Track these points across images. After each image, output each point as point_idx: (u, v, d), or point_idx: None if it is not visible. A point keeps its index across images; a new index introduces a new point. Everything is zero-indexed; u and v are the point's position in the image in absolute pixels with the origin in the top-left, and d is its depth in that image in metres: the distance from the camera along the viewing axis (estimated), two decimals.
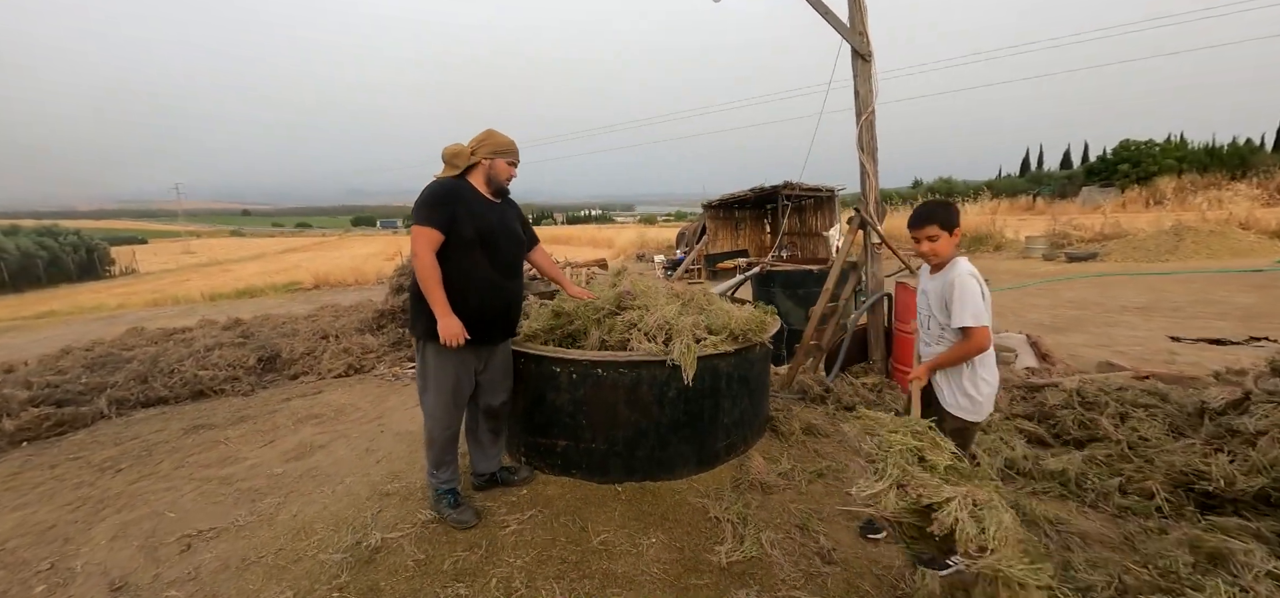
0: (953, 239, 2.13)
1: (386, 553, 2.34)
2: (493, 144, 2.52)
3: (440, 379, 2.46)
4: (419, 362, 2.52)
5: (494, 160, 2.53)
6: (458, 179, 2.51)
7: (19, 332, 11.76)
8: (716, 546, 2.35)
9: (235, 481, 3.30)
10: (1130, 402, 3.23)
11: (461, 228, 2.39)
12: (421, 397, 2.54)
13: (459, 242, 2.39)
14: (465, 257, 2.41)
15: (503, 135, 2.56)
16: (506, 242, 2.57)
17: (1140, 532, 2.36)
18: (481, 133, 2.57)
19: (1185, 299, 8.34)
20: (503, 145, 2.54)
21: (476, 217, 2.45)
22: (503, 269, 2.55)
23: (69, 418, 4.71)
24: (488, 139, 2.53)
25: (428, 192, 2.41)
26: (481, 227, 2.45)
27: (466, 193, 2.47)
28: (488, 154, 2.51)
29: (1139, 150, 38.53)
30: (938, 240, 2.13)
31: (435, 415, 2.50)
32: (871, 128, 4.10)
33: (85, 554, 2.63)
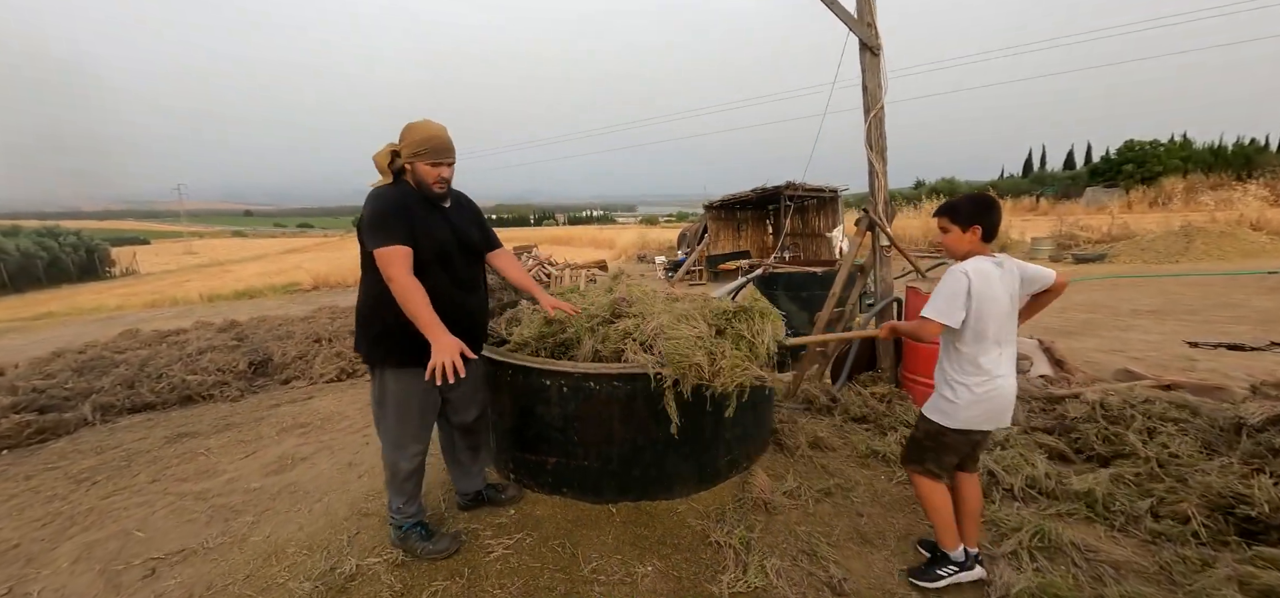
0: (966, 236, 2.02)
1: (361, 581, 2.17)
2: (411, 143, 2.11)
3: (405, 405, 2.19)
4: (376, 389, 2.22)
5: (415, 164, 2.12)
6: (397, 185, 2.15)
7: (16, 333, 11.66)
8: (718, 574, 2.17)
9: (211, 496, 3.14)
10: (1158, 415, 3.04)
11: (417, 246, 2.07)
12: (380, 427, 2.25)
13: (414, 261, 2.07)
14: (423, 276, 2.07)
15: (424, 126, 2.13)
16: (463, 254, 2.28)
17: (1178, 561, 2.17)
18: (402, 129, 2.15)
19: (1200, 302, 8.13)
20: (424, 143, 2.10)
21: (429, 231, 2.12)
22: (463, 284, 2.28)
23: (51, 425, 4.57)
24: (407, 136, 2.13)
25: (377, 209, 2.05)
26: (436, 244, 2.14)
27: (413, 204, 2.12)
28: (409, 156, 2.11)
29: (1143, 151, 38.25)
30: (948, 233, 2.08)
31: (401, 445, 2.22)
32: (880, 125, 3.91)
33: (45, 578, 2.47)
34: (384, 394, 2.20)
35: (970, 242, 2.02)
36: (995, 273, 1.97)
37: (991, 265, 1.98)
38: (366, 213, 2.07)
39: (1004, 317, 1.98)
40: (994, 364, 1.99)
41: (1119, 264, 13.09)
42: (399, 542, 2.33)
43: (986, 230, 2.00)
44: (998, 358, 1.99)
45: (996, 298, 1.96)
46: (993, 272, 1.97)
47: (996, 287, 1.97)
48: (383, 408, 2.22)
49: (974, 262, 1.99)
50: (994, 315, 1.96)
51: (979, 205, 2.03)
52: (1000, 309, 1.97)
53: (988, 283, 1.95)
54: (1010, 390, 2.01)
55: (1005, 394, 2.00)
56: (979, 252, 2.02)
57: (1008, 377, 2.01)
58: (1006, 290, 1.98)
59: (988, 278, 1.96)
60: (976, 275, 1.95)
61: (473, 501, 2.63)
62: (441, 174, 2.16)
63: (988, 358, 1.98)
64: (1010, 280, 2.00)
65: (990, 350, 1.99)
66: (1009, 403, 2.02)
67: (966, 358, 2.02)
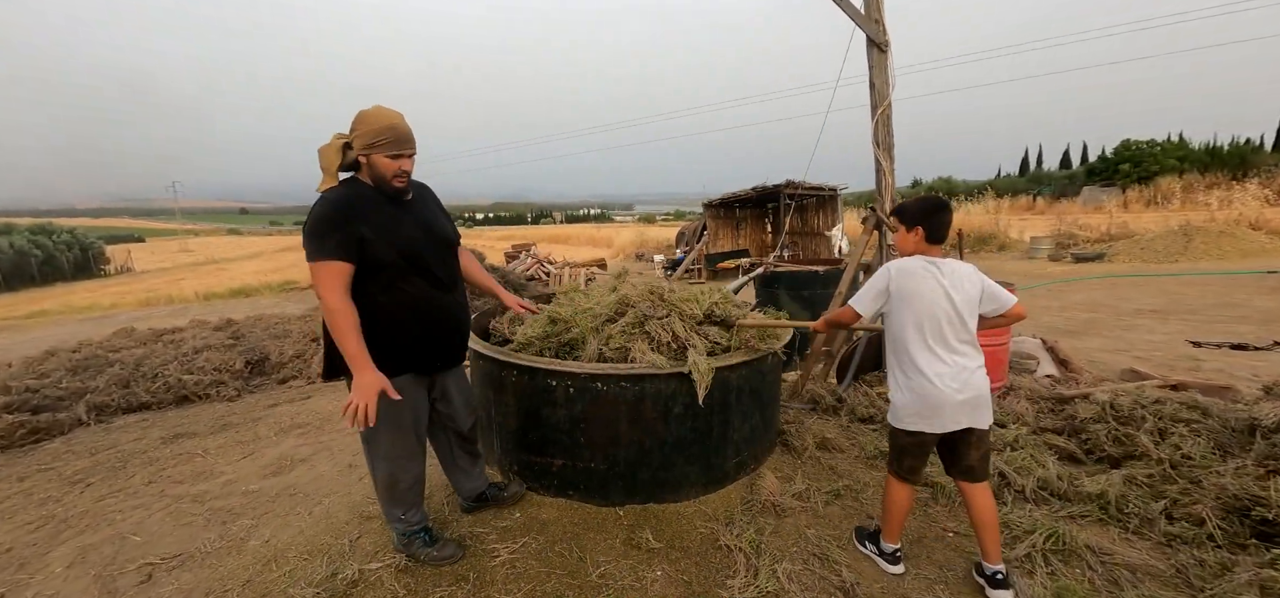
0: (910, 236, 2.09)
1: (364, 588, 2.12)
2: (365, 133, 1.89)
3: (397, 418, 2.04)
4: None
5: (371, 156, 1.91)
6: (349, 184, 1.95)
7: (9, 332, 11.54)
8: (728, 579, 2.13)
9: (208, 498, 3.08)
10: (1169, 416, 3.01)
11: (376, 250, 1.89)
12: (371, 443, 2.10)
13: (379, 266, 1.91)
14: (397, 283, 1.95)
15: (379, 115, 1.91)
16: (438, 251, 2.11)
17: (1195, 564, 2.14)
18: (354, 118, 1.94)
19: (1201, 302, 8.13)
20: (378, 132, 1.88)
21: (390, 230, 1.93)
22: (442, 283, 2.10)
23: (45, 425, 4.50)
24: (360, 125, 1.91)
25: (317, 216, 1.85)
26: (404, 244, 1.96)
27: (365, 204, 1.91)
28: (363, 148, 1.90)
29: (1140, 150, 38.38)
30: (896, 233, 2.16)
31: (395, 458, 2.10)
32: (887, 122, 3.87)
33: (38, 584, 2.41)
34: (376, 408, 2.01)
35: (914, 242, 2.08)
36: (925, 272, 2.00)
37: (922, 265, 2.01)
38: (311, 217, 1.87)
39: (941, 320, 1.98)
40: (928, 365, 1.98)
41: (1118, 264, 13.10)
42: (402, 548, 2.26)
43: (930, 231, 2.05)
44: (932, 360, 1.98)
45: (925, 298, 1.98)
46: (921, 271, 2.00)
47: (925, 286, 1.98)
48: (375, 425, 2.00)
49: (902, 260, 2.06)
50: (925, 315, 1.98)
51: (924, 208, 2.08)
52: (934, 310, 1.98)
53: (912, 280, 2.00)
54: (945, 394, 1.95)
55: (937, 395, 1.96)
56: (924, 252, 2.07)
57: (946, 379, 1.96)
58: (945, 294, 1.98)
59: (913, 276, 2.00)
60: (899, 273, 2.02)
61: (476, 502, 2.57)
62: (402, 167, 1.94)
63: (922, 358, 1.99)
64: (958, 286, 1.99)
65: (922, 351, 1.99)
66: (943, 404, 1.97)
67: (900, 355, 2.07)
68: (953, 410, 1.97)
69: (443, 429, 2.39)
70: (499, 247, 21.09)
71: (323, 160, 1.94)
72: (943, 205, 2.09)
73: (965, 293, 2.00)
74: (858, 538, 2.38)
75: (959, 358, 1.99)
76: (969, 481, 2.07)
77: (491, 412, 2.78)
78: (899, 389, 2.09)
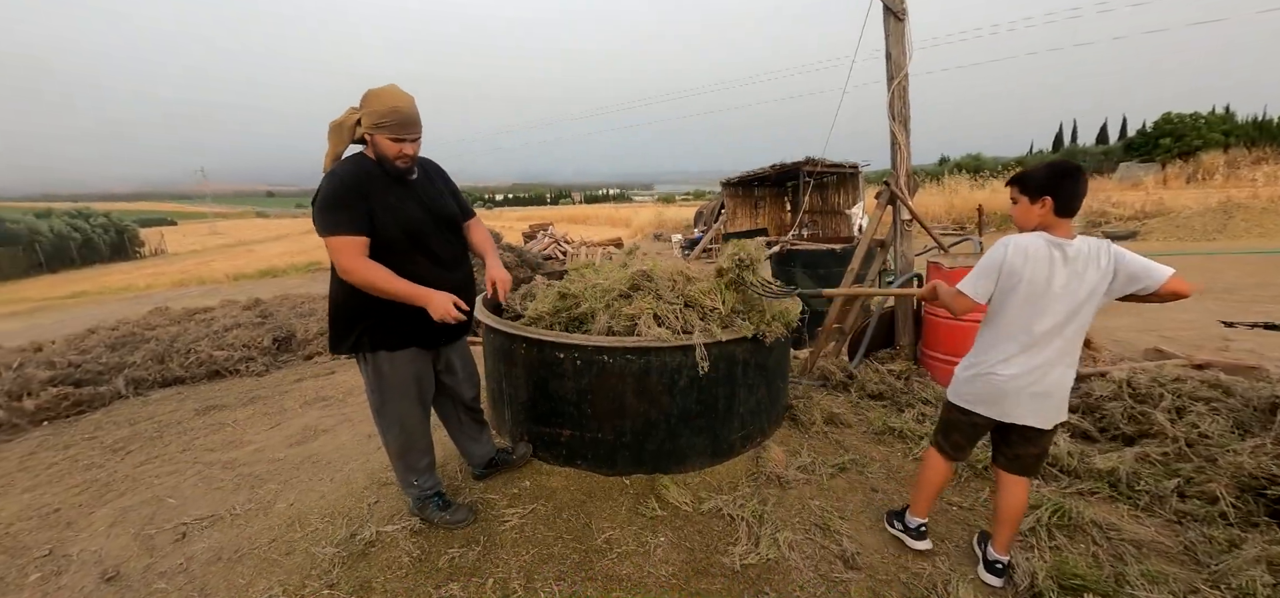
0: (1035, 208, 1.78)
1: (381, 548, 2.23)
2: (371, 113, 1.91)
3: (402, 386, 2.12)
4: (371, 377, 2.12)
5: (375, 136, 1.93)
6: (356, 163, 1.97)
7: (52, 311, 12.11)
8: (730, 546, 2.18)
9: (237, 465, 3.24)
10: (1188, 395, 2.94)
11: (382, 228, 1.93)
12: (380, 413, 2.18)
13: (383, 246, 1.95)
14: (398, 262, 1.96)
15: (386, 96, 1.91)
16: (442, 231, 2.14)
17: (1204, 542, 2.12)
18: (364, 95, 1.95)
19: (1238, 281, 7.83)
20: (384, 114, 1.89)
21: (394, 209, 1.96)
22: (444, 262, 2.13)
23: (87, 398, 4.75)
24: (367, 104, 1.92)
25: (326, 193, 1.88)
26: (407, 223, 1.99)
27: (371, 182, 1.94)
28: (368, 127, 1.92)
29: (1182, 124, 36.61)
30: (1016, 204, 1.86)
31: (406, 425, 2.19)
32: (904, 94, 3.79)
33: (83, 540, 2.59)
34: (381, 381, 2.11)
35: (1040, 215, 1.77)
36: (1045, 256, 1.74)
37: (1043, 247, 1.74)
38: (320, 194, 1.90)
39: (1057, 311, 1.74)
40: (1007, 352, 1.81)
41: (1151, 242, 12.66)
42: (417, 512, 2.37)
43: (1061, 203, 1.73)
44: (1013, 350, 1.80)
45: (1037, 285, 1.74)
46: (1041, 254, 1.74)
47: (1040, 271, 1.73)
48: (384, 394, 2.13)
49: (1022, 237, 1.78)
50: (1029, 302, 1.76)
51: (1053, 174, 1.75)
52: (1040, 300, 1.75)
53: (1028, 264, 1.74)
54: (1014, 386, 1.80)
55: (1004, 385, 1.82)
56: (1050, 227, 1.77)
57: (1021, 373, 1.79)
58: (1062, 284, 1.73)
59: (1030, 258, 1.74)
60: (1016, 251, 1.76)
61: (487, 468, 2.66)
62: (403, 150, 1.95)
63: (1004, 344, 1.81)
64: (1080, 274, 1.72)
65: (1007, 339, 1.80)
66: (1008, 395, 1.82)
67: (989, 339, 1.88)
68: (1016, 403, 1.82)
69: (449, 400, 2.46)
70: (517, 227, 21.25)
71: (332, 136, 1.98)
72: (1075, 171, 1.76)
73: (1087, 283, 1.72)
74: (888, 521, 2.30)
75: (1044, 355, 1.77)
76: (1014, 471, 1.94)
77: (502, 384, 2.85)
78: (966, 364, 1.96)
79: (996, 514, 2.00)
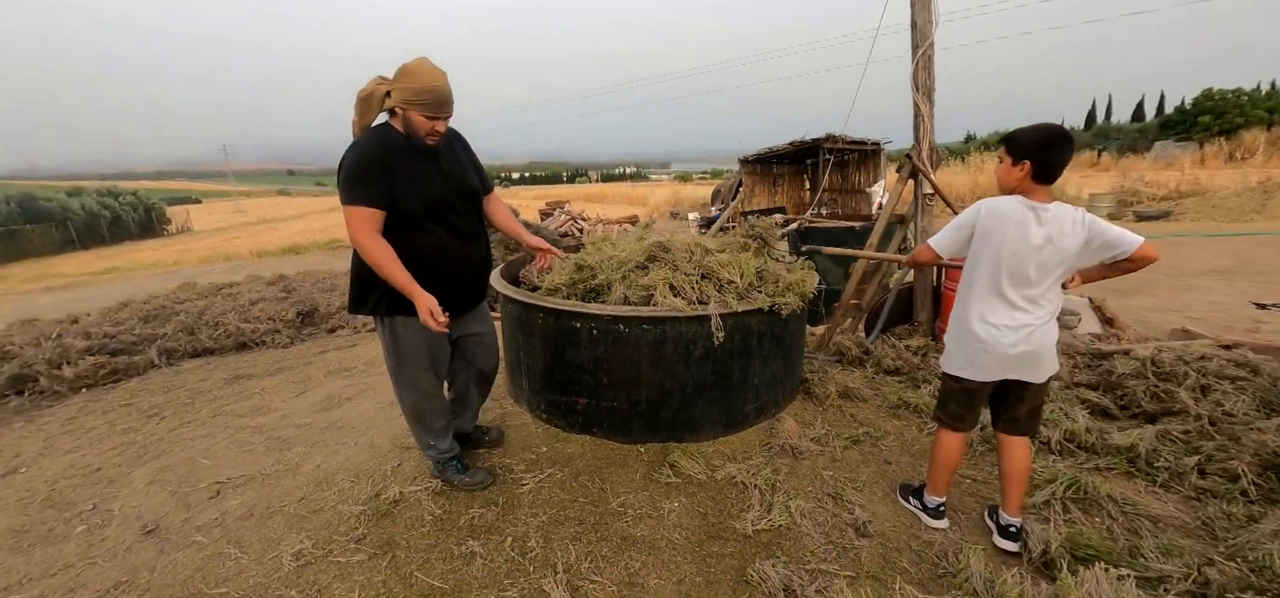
0: (1015, 170, 1.81)
1: (404, 507, 2.31)
2: (405, 89, 1.92)
3: (416, 350, 2.16)
4: (388, 338, 2.17)
5: (407, 112, 1.95)
6: (381, 133, 1.99)
7: (85, 286, 12.51)
8: (743, 512, 2.22)
9: (266, 430, 3.36)
10: (1214, 373, 2.89)
11: (403, 201, 1.96)
12: (397, 375, 2.22)
13: (403, 218, 1.98)
14: (416, 233, 2.02)
15: (422, 74, 1.93)
16: (462, 204, 2.16)
17: (1222, 518, 2.10)
18: (398, 70, 1.96)
19: (1274, 263, 7.57)
20: (419, 92, 1.91)
21: (417, 182, 1.99)
22: (464, 235, 2.17)
23: (123, 367, 4.94)
24: (401, 80, 1.94)
25: (351, 162, 1.92)
26: (428, 196, 2.01)
27: (396, 155, 1.97)
28: (401, 102, 1.94)
29: (1224, 101, 35.04)
30: (1001, 164, 1.89)
31: (422, 388, 2.23)
32: (929, 64, 3.70)
33: (124, 497, 2.72)
34: (397, 344, 2.16)
35: (1018, 178, 1.80)
36: (1019, 218, 1.78)
37: (1018, 209, 1.79)
38: (345, 163, 1.94)
39: (1020, 271, 1.81)
40: (990, 313, 1.87)
41: (1185, 222, 12.26)
42: (437, 473, 2.45)
43: (1039, 169, 1.76)
44: (995, 309, 1.86)
45: (1010, 245, 1.79)
46: (1015, 215, 1.78)
47: (1012, 233, 1.78)
48: (399, 357, 2.18)
49: (997, 200, 1.84)
50: (1005, 263, 1.81)
51: (1037, 140, 1.78)
52: (1015, 261, 1.80)
53: (1001, 225, 1.80)
54: (998, 345, 1.85)
55: (988, 345, 1.87)
56: (1027, 192, 1.80)
57: (1003, 331, 1.85)
58: (1036, 245, 1.77)
59: (1003, 219, 1.80)
60: (989, 214, 1.83)
61: (459, 440, 2.60)
62: (436, 127, 1.98)
63: (985, 305, 1.88)
64: (1054, 237, 1.77)
65: (987, 299, 1.87)
66: (993, 355, 1.87)
67: (963, 297, 1.96)
68: (1004, 362, 1.88)
69: (466, 370, 2.49)
70: (534, 205, 21.30)
71: (360, 106, 1.99)
72: (1062, 138, 1.77)
73: (1060, 246, 1.77)
74: (902, 494, 2.32)
75: (1023, 314, 1.84)
76: (1011, 433, 2.01)
77: (520, 354, 2.91)
78: (951, 333, 2.02)
79: (1003, 477, 2.04)
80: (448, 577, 1.95)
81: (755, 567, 1.91)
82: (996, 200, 1.85)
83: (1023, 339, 1.84)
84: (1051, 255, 1.79)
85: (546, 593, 1.83)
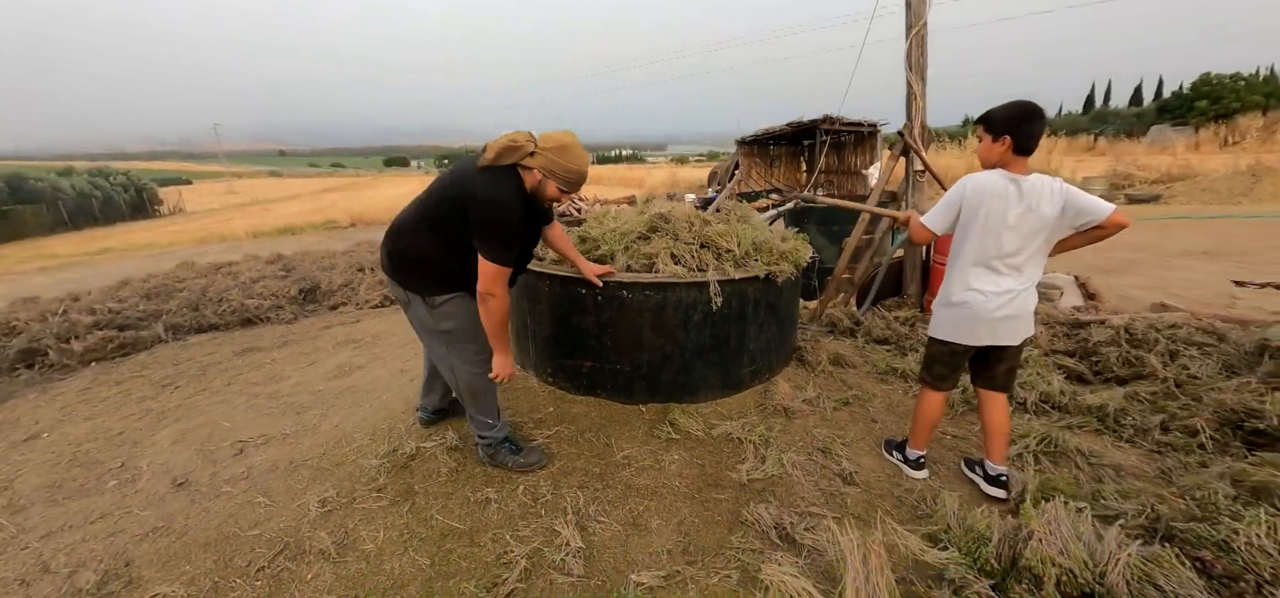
0: (996, 146, 1.93)
1: (421, 460, 2.46)
2: (553, 162, 2.00)
3: (478, 329, 2.17)
4: (454, 312, 2.17)
5: (546, 180, 2.03)
6: (519, 193, 2.03)
7: (82, 266, 12.48)
8: (738, 464, 2.38)
9: (282, 396, 3.50)
10: (1183, 340, 3.06)
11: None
12: (456, 350, 2.22)
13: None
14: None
15: (574, 155, 2.03)
16: (527, 257, 2.36)
17: (1179, 466, 2.28)
18: (554, 137, 2.04)
19: (1256, 244, 7.77)
20: (566, 169, 2.02)
21: (527, 238, 2.19)
22: (515, 284, 2.34)
23: (130, 341, 5.03)
24: (551, 149, 2.00)
25: (499, 217, 1.96)
26: (524, 247, 2.19)
27: (522, 210, 2.05)
28: (544, 166, 2.01)
29: (1220, 85, 35.12)
30: (981, 142, 2.01)
31: (475, 364, 2.24)
32: (922, 43, 3.81)
33: (150, 455, 2.86)
34: (467, 320, 2.18)
35: (1000, 153, 1.92)
36: (1001, 190, 1.89)
37: (1000, 182, 1.90)
38: (489, 210, 1.96)
39: (1005, 241, 1.92)
40: (978, 281, 1.99)
41: (1174, 205, 12.45)
42: (488, 459, 2.41)
43: (1019, 142, 1.88)
44: (982, 278, 1.98)
45: (995, 217, 1.90)
46: (997, 188, 1.90)
47: (996, 205, 1.90)
48: (460, 332, 2.20)
49: (979, 175, 1.96)
50: (990, 234, 1.92)
51: (1013, 115, 1.89)
52: (999, 231, 1.91)
53: (985, 198, 1.91)
54: (985, 311, 1.98)
55: (977, 312, 2.00)
56: (1007, 165, 1.92)
57: (991, 297, 1.97)
58: (1017, 215, 1.89)
59: (987, 193, 1.90)
60: (974, 190, 1.94)
61: (435, 414, 2.72)
62: (562, 201, 2.16)
63: (972, 274, 2.00)
64: (1034, 207, 1.88)
65: (975, 269, 1.99)
66: (981, 320, 2.01)
67: (952, 267, 2.07)
68: (989, 327, 2.01)
69: None
70: None
71: (505, 150, 2.00)
72: (1035, 113, 1.87)
73: (1041, 214, 1.88)
74: (886, 448, 2.49)
75: (1008, 281, 1.97)
76: (990, 389, 2.18)
77: (527, 320, 3.04)
78: (940, 301, 2.13)
79: (986, 431, 2.22)
80: (465, 519, 2.10)
81: (750, 509, 2.08)
82: (979, 175, 1.97)
83: (1006, 304, 1.97)
84: (1032, 223, 1.91)
85: (558, 532, 1.99)
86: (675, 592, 1.76)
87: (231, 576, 1.90)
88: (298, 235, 15.92)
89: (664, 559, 1.90)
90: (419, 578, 1.85)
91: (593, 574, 1.85)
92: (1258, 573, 1.57)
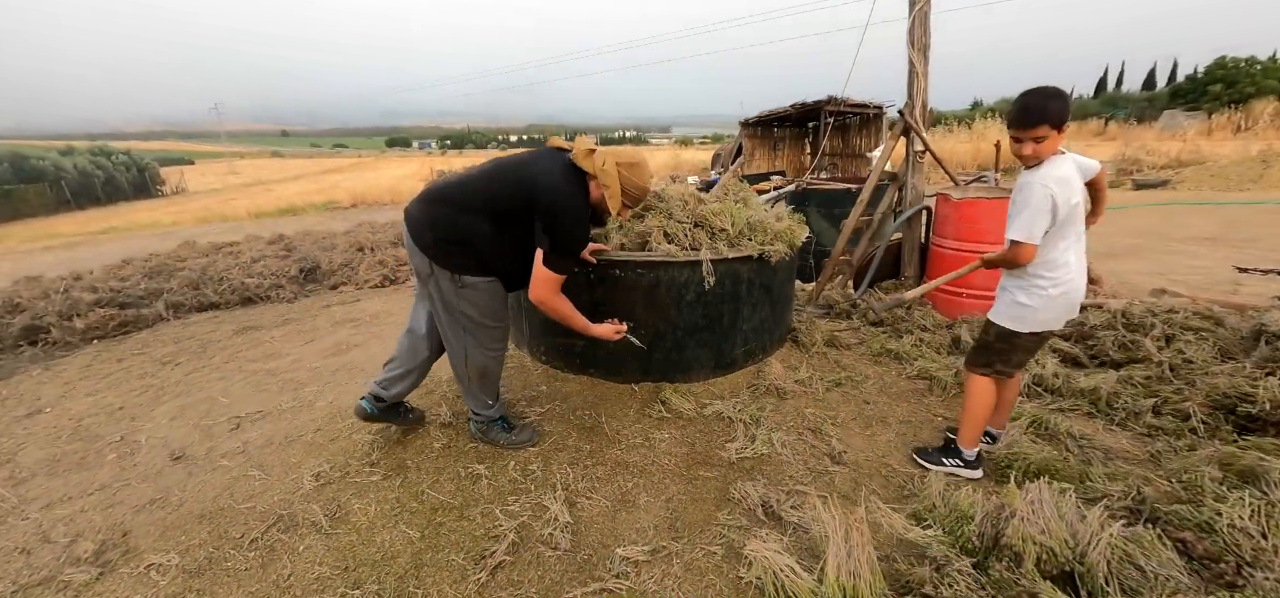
0: (1061, 136, 1.85)
1: (414, 437, 2.49)
2: (618, 177, 2.05)
3: (500, 311, 2.23)
4: (488, 300, 2.16)
5: (604, 197, 2.07)
6: (587, 203, 2.09)
7: (84, 246, 12.53)
8: (727, 443, 2.39)
9: (280, 373, 3.53)
10: (1180, 324, 3.04)
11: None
12: (474, 334, 2.19)
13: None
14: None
15: (643, 175, 2.12)
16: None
17: (1169, 450, 2.28)
18: (624, 154, 2.10)
19: (1263, 230, 7.67)
20: (634, 188, 2.10)
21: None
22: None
23: (131, 319, 5.07)
24: (624, 167, 2.07)
25: (576, 231, 2.05)
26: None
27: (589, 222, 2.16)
28: (608, 181, 2.04)
29: (1235, 69, 34.42)
30: (1045, 141, 1.85)
31: (493, 348, 2.26)
32: (925, 20, 3.74)
33: (149, 429, 2.90)
34: (492, 304, 2.18)
35: (1059, 141, 1.88)
36: (1072, 171, 1.90)
37: (1072, 167, 1.90)
38: (565, 219, 2.00)
39: (1080, 213, 1.94)
40: (1074, 260, 1.96)
41: (1182, 190, 12.30)
42: (480, 435, 2.42)
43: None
44: (1075, 255, 1.96)
45: (1076, 203, 1.90)
46: (1073, 174, 1.89)
47: (1075, 186, 1.90)
48: (482, 316, 2.17)
49: (1056, 170, 1.87)
50: (1074, 220, 1.92)
51: (1064, 103, 1.84)
52: (1079, 212, 1.93)
53: (1068, 189, 1.87)
54: (1078, 286, 1.98)
55: (1078, 287, 1.99)
56: (1057, 150, 1.91)
57: (1080, 267, 1.98)
58: (1081, 191, 1.93)
59: (1069, 183, 1.87)
60: (1060, 184, 1.85)
61: (384, 410, 2.40)
62: (621, 216, 2.21)
63: (1071, 256, 1.96)
64: (1083, 172, 1.97)
65: (1071, 251, 1.95)
66: (1078, 298, 2.00)
67: (1046, 262, 1.97)
68: (1076, 304, 2.02)
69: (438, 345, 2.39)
70: None
71: (587, 158, 2.07)
72: (1060, 91, 1.87)
73: (1080, 184, 1.93)
74: (926, 460, 2.27)
75: (1083, 258, 1.99)
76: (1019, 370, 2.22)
77: (521, 298, 3.04)
78: (1037, 294, 1.99)
79: (1000, 402, 2.28)
80: (456, 494, 2.13)
81: (738, 487, 2.09)
82: (1053, 167, 1.87)
83: (1082, 274, 1.99)
84: (1081, 190, 1.94)
85: (546, 507, 2.01)
86: (660, 566, 1.78)
87: (226, 546, 1.93)
88: (299, 216, 15.93)
89: (650, 535, 1.92)
90: (409, 550, 1.87)
91: (579, 548, 1.87)
92: (1238, 554, 1.58)
